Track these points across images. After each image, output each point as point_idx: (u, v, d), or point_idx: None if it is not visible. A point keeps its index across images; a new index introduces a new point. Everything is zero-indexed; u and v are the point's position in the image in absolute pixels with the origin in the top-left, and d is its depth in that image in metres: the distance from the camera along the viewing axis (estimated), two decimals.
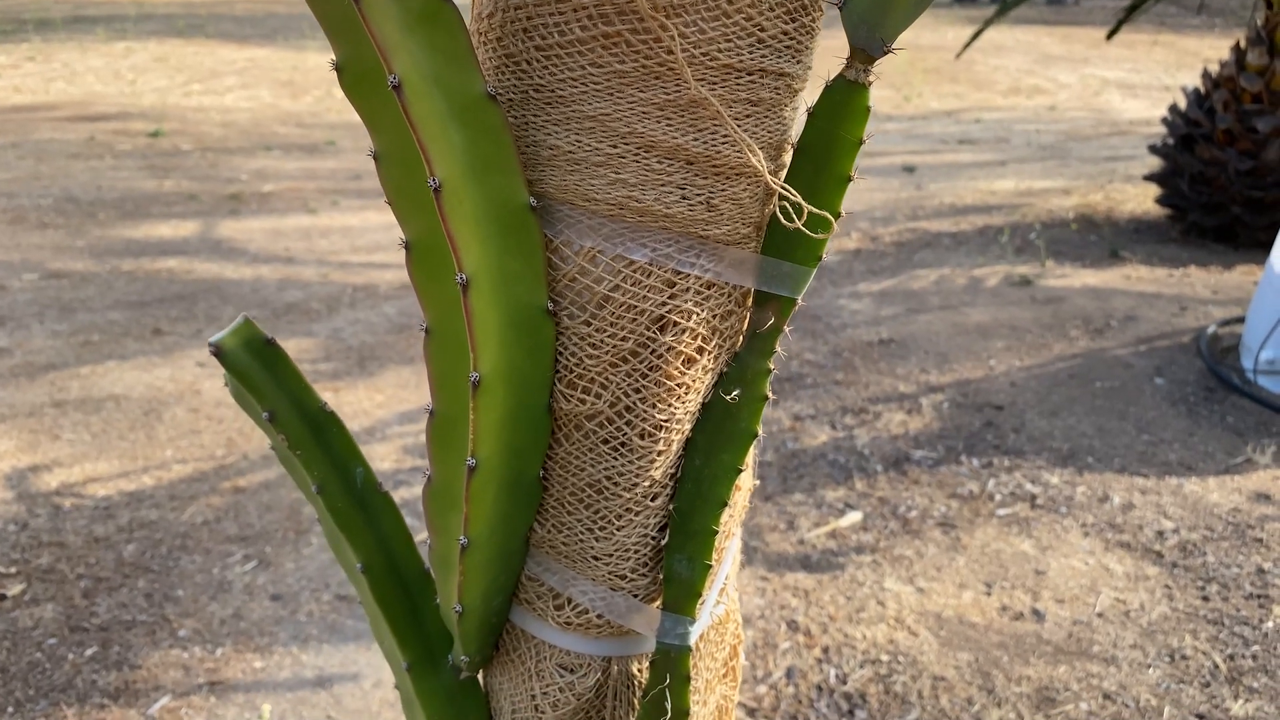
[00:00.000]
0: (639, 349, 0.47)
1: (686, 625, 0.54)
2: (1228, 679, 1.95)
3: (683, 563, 0.52)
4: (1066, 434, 2.82)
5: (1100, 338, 3.41)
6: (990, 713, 1.86)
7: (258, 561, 2.24)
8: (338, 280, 3.98)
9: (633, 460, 0.50)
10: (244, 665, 1.95)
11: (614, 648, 0.59)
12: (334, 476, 0.58)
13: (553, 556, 0.55)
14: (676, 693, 0.54)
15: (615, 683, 0.59)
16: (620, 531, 0.53)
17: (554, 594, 0.57)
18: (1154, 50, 10.39)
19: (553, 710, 0.59)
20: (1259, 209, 4.17)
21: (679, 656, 0.54)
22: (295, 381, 0.56)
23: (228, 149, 6.00)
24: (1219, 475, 2.62)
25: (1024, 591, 2.18)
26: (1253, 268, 4.10)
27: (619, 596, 0.54)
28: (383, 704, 1.86)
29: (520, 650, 0.60)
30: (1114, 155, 6.15)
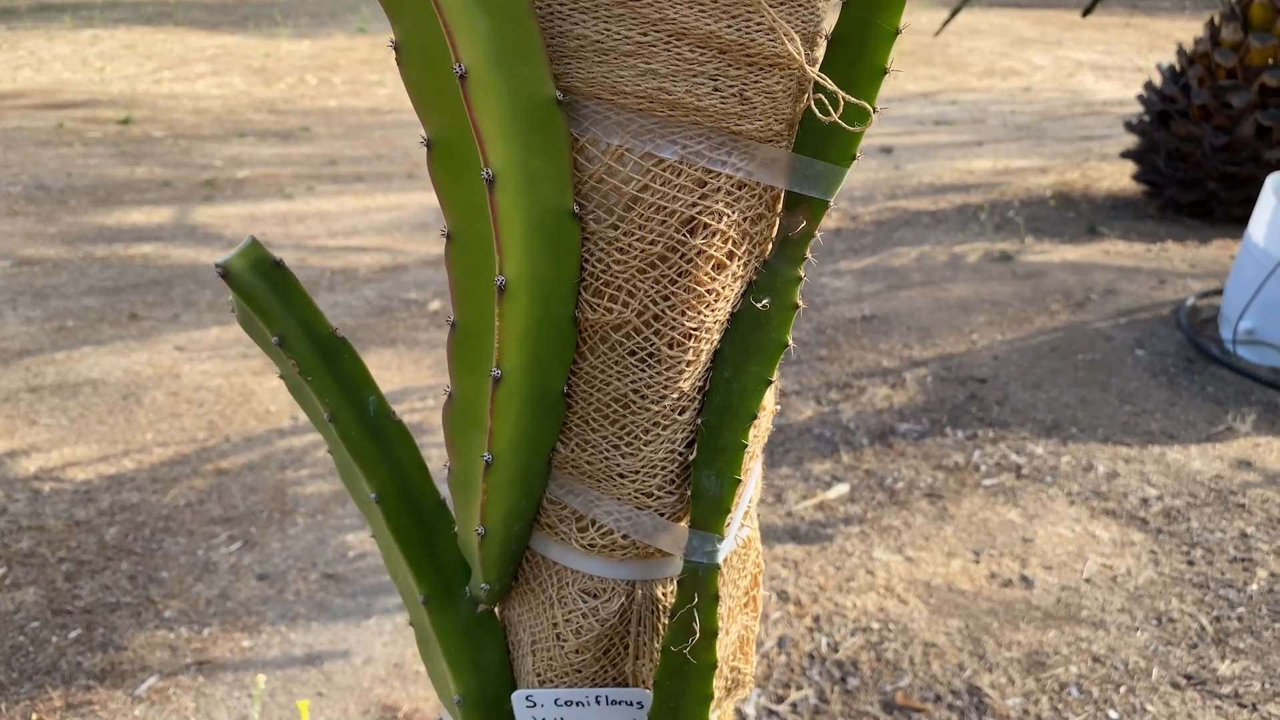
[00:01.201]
0: (668, 253, 0.46)
1: (714, 543, 0.53)
2: (1214, 640, 1.97)
3: (711, 478, 0.51)
4: (1049, 405, 2.83)
5: (1081, 311, 3.43)
6: (982, 677, 1.87)
7: (243, 542, 2.21)
8: (315, 264, 3.94)
9: (661, 372, 0.49)
10: (232, 645, 1.93)
11: (638, 571, 0.58)
12: (346, 404, 0.56)
13: (576, 477, 0.54)
14: (705, 612, 0.53)
15: (640, 607, 0.58)
16: (647, 447, 0.52)
17: (577, 516, 0.56)
18: (1126, 32, 10.45)
19: (575, 637, 0.58)
20: (1234, 184, 4.21)
21: (707, 575, 0.53)
22: (305, 305, 0.54)
23: (200, 136, 5.93)
24: (1200, 443, 2.65)
25: (1012, 559, 2.19)
26: (1228, 242, 4.14)
27: (645, 515, 0.53)
28: (374, 680, 1.84)
29: (541, 578, 0.59)
30: (1089, 135, 6.19)
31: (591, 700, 0.59)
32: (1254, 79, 4.10)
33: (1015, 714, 1.80)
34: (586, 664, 0.60)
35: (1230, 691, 1.85)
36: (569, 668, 0.60)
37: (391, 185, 5.05)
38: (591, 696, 0.59)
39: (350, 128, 6.23)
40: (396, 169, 5.33)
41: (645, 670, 0.60)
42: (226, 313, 3.42)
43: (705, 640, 0.54)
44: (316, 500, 2.37)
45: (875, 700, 1.83)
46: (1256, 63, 4.09)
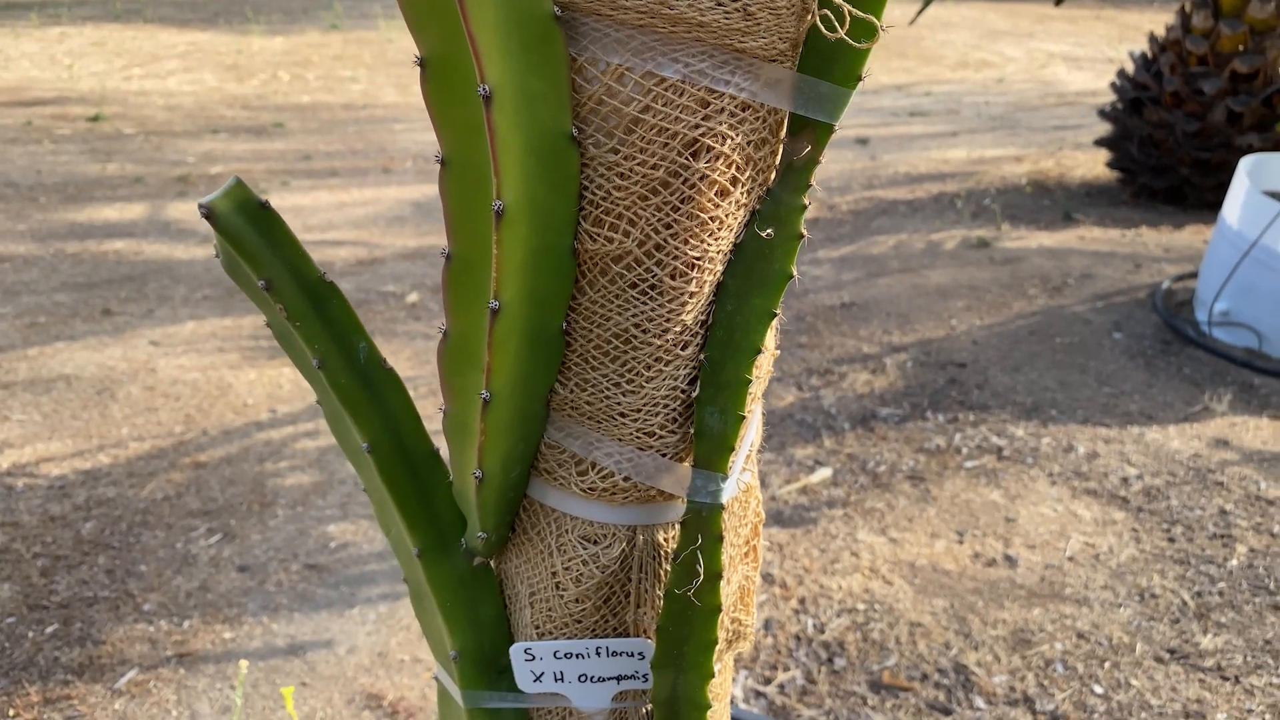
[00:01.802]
0: (670, 178, 0.45)
1: (718, 482, 0.52)
2: (1196, 615, 1.98)
3: (714, 415, 0.50)
4: (1029, 388, 2.85)
5: (1058, 296, 3.45)
6: (968, 656, 1.88)
7: (222, 534, 2.19)
8: None
9: (663, 304, 0.48)
10: (213, 636, 1.90)
11: (640, 515, 0.56)
12: (335, 350, 0.55)
13: (575, 419, 0.53)
14: (709, 553, 0.52)
15: (641, 553, 0.57)
16: (649, 384, 0.51)
17: (576, 460, 0.55)
18: (1096, 25, 10.54)
19: (575, 585, 0.57)
20: (1206, 170, 4.24)
21: (711, 515, 0.52)
22: (292, 248, 0.52)
23: (172, 132, 5.86)
24: (1178, 423, 2.67)
25: (995, 539, 2.20)
26: (1201, 227, 4.18)
27: (647, 456, 0.52)
28: (358, 669, 1.83)
29: (539, 526, 0.58)
30: (1062, 124, 6.23)
31: (591, 652, 0.58)
32: (1225, 65, 4.14)
33: (1002, 691, 1.80)
34: (587, 614, 0.58)
35: (1213, 665, 1.86)
36: (568, 618, 0.59)
37: (367, 180, 5.01)
38: (592, 648, 0.58)
39: (324, 123, 6.18)
40: (371, 164, 5.30)
41: (647, 619, 0.59)
42: (202, 307, 3.38)
43: (709, 583, 0.53)
44: (297, 492, 2.34)
45: (862, 680, 1.83)
46: (1227, 49, 4.13)
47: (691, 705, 0.57)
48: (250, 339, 3.14)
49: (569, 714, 0.63)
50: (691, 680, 0.56)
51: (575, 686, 0.60)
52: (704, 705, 0.58)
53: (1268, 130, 4.10)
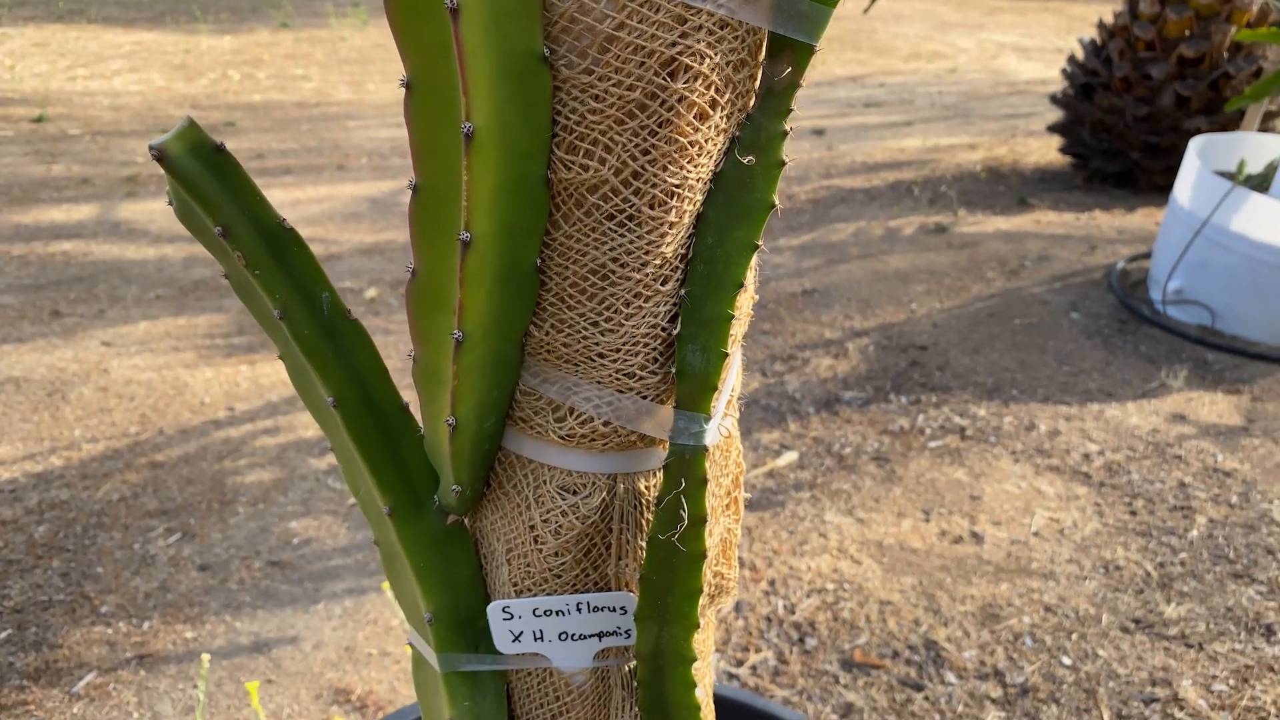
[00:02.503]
0: (647, 100, 0.43)
1: (701, 423, 0.51)
2: (1159, 585, 2.00)
3: (696, 353, 0.49)
4: (990, 369, 2.87)
5: (1016, 278, 3.48)
6: (938, 632, 1.88)
7: (181, 534, 2.14)
8: None
9: (642, 235, 0.46)
10: (174, 637, 1.86)
11: (620, 463, 0.55)
12: (297, 300, 0.53)
13: (552, 363, 0.51)
14: (693, 498, 0.51)
15: (622, 502, 0.55)
16: (628, 321, 0.49)
17: (554, 406, 0.53)
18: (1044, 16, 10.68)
19: (555, 538, 0.55)
20: (1156, 153, 4.31)
21: (694, 458, 0.51)
22: (250, 193, 0.50)
23: (120, 132, 5.75)
24: (1137, 400, 2.70)
25: (961, 516, 2.21)
26: (1153, 210, 4.24)
27: (627, 399, 0.51)
28: (325, 664, 1.79)
29: (516, 479, 0.56)
30: (1014, 113, 6.30)
31: (572, 608, 0.57)
32: (1172, 50, 4.20)
33: (972, 666, 1.81)
34: (567, 568, 0.57)
35: (1177, 633, 1.88)
36: (548, 573, 0.57)
37: (321, 177, 4.95)
38: (572, 604, 0.57)
39: (277, 122, 6.09)
40: (326, 161, 5.23)
41: (629, 571, 0.57)
42: (155, 307, 3.32)
43: (693, 528, 0.51)
44: (257, 489, 2.30)
45: (834, 659, 1.83)
46: (1174, 34, 4.19)
47: (677, 658, 0.56)
48: (206, 337, 3.08)
49: (549, 675, 0.61)
50: (676, 632, 0.55)
51: (555, 645, 0.58)
52: (689, 658, 0.57)
53: (1215, 113, 4.17)
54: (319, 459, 2.42)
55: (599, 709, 0.62)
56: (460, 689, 0.59)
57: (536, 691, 0.61)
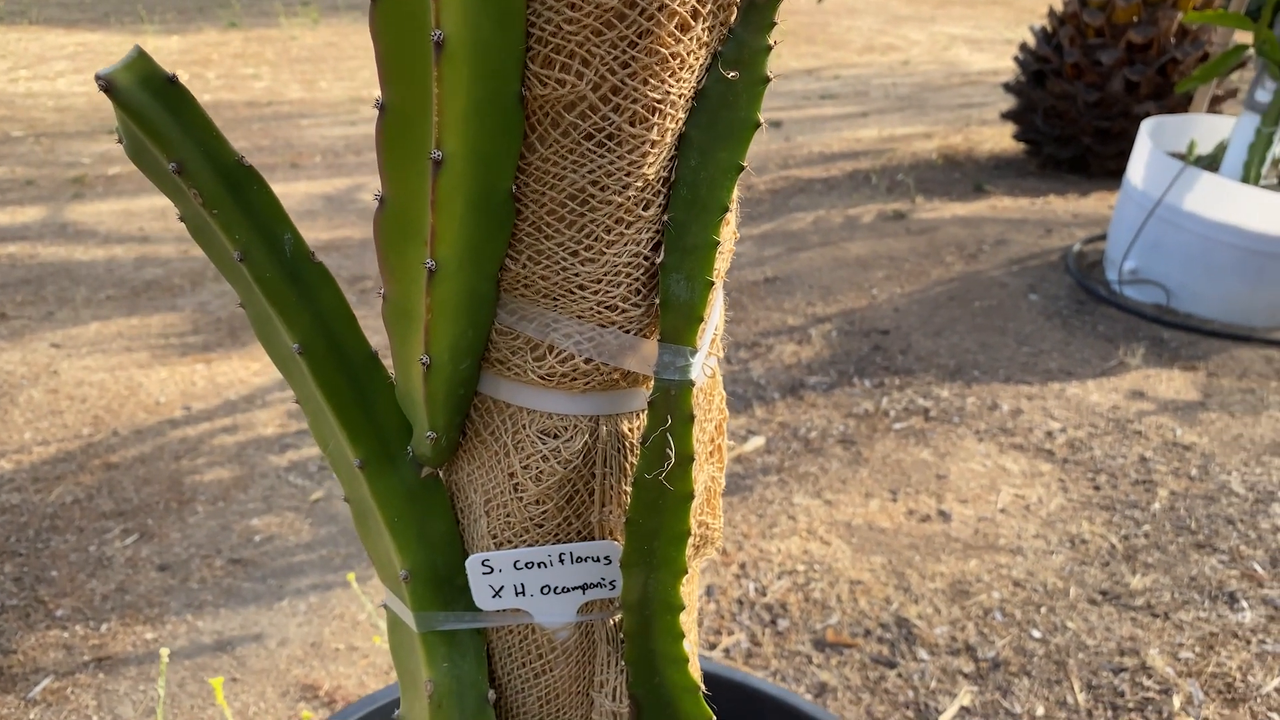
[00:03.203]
0: (626, 9, 0.41)
1: (687, 356, 0.49)
2: (1125, 557, 2.02)
3: (680, 282, 0.47)
4: (951, 351, 2.89)
5: (974, 262, 3.51)
6: (909, 609, 1.89)
7: (139, 535, 2.09)
8: (199, 256, 3.77)
9: (623, 155, 0.44)
10: (133, 638, 1.82)
11: (602, 404, 0.53)
12: (258, 241, 0.50)
13: (529, 298, 0.49)
14: (679, 435, 0.49)
15: (605, 445, 0.53)
16: (610, 250, 0.47)
17: (532, 345, 0.51)
18: (994, 9, 10.81)
19: (535, 484, 0.53)
20: (1107, 138, 4.37)
21: (680, 394, 0.49)
22: (205, 128, 0.47)
23: (65, 134, 5.62)
24: (1096, 378, 2.73)
25: (928, 495, 2.22)
26: (1106, 194, 4.29)
27: (609, 334, 0.49)
28: (290, 661, 1.76)
29: (493, 425, 0.54)
30: (967, 103, 6.36)
31: (554, 559, 0.55)
32: (1121, 36, 4.26)
33: (944, 641, 1.82)
34: (549, 516, 0.55)
35: (1143, 603, 1.90)
36: (529, 523, 0.55)
37: (274, 176, 4.87)
38: (555, 555, 0.55)
39: (227, 121, 5.99)
40: (279, 160, 5.15)
41: (613, 518, 0.55)
42: (105, 308, 3.24)
43: (680, 467, 0.50)
44: (216, 487, 2.25)
45: (806, 639, 1.82)
46: (1122, 20, 4.25)
47: (664, 606, 0.54)
48: (159, 337, 3.02)
49: (531, 632, 0.59)
50: (663, 578, 0.53)
51: (538, 600, 0.56)
52: (677, 606, 0.55)
53: (1164, 98, 4.24)
54: (279, 456, 2.38)
55: (583, 665, 0.60)
56: (439, 649, 0.57)
57: (518, 650, 0.59)
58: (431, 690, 0.57)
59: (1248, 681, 1.73)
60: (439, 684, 0.57)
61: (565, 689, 0.60)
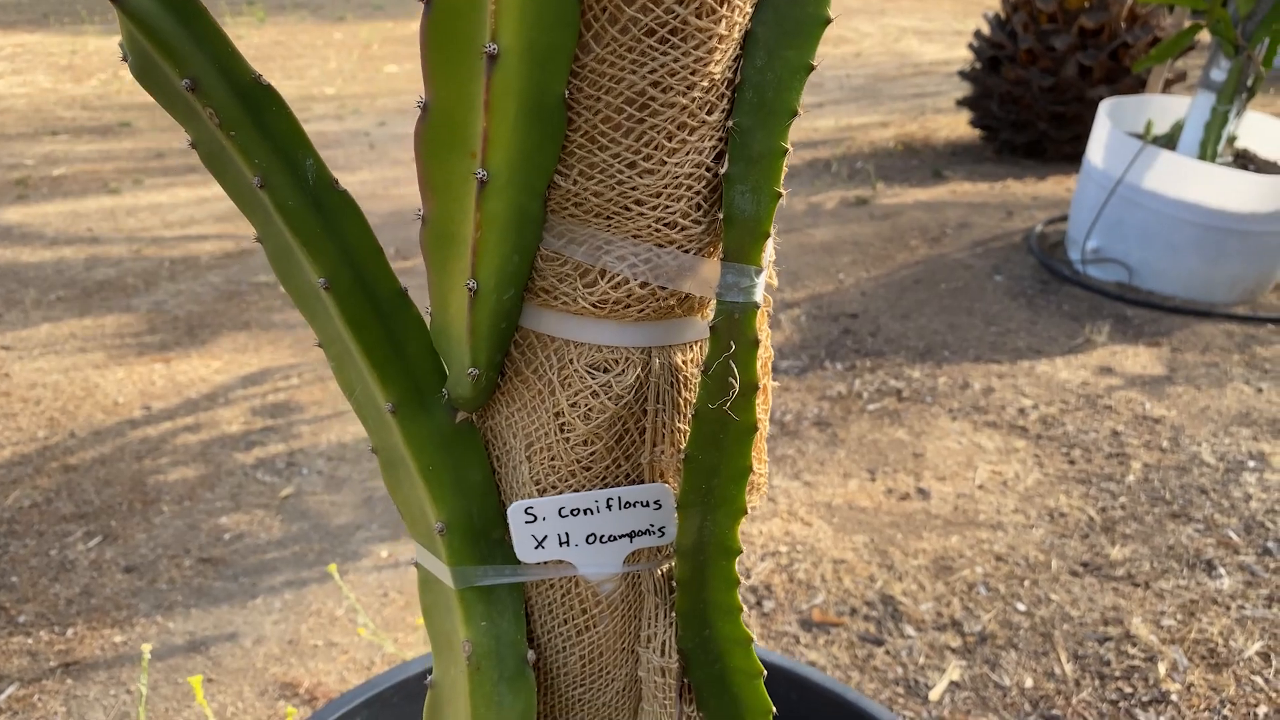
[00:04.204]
0: None
1: (751, 276, 0.46)
2: (1103, 529, 2.04)
3: (745, 195, 0.44)
4: (920, 333, 2.90)
5: (938, 245, 3.53)
6: (893, 586, 1.88)
7: (102, 537, 2.03)
8: (152, 255, 3.67)
9: (688, 52, 0.41)
10: (101, 642, 1.75)
11: (656, 335, 0.50)
12: (279, 167, 0.46)
13: (580, 218, 0.46)
14: (743, 362, 0.46)
15: (658, 380, 0.50)
16: (671, 159, 0.44)
17: (582, 271, 0.47)
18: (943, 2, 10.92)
19: (584, 423, 0.50)
20: (1062, 123, 4.41)
21: (744, 317, 0.46)
22: (220, 42, 0.44)
23: (5, 135, 5.47)
24: (1064, 355, 2.75)
25: (906, 474, 2.22)
26: (1063, 178, 4.34)
27: (667, 254, 0.46)
28: (268, 659, 1.71)
29: (536, 362, 0.51)
30: (921, 92, 6.41)
31: (602, 505, 0.52)
32: (1073, 22, 4.31)
33: (930, 618, 1.81)
34: (597, 458, 0.52)
35: (1124, 573, 1.91)
36: (576, 465, 0.52)
37: None
38: (602, 500, 0.52)
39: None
40: None
41: (665, 459, 0.53)
42: (56, 309, 3.15)
43: (744, 396, 0.47)
44: (181, 486, 2.19)
45: (793, 619, 1.81)
46: (1074, 6, 4.30)
47: (720, 550, 0.52)
48: (115, 337, 2.93)
49: (574, 585, 0.56)
50: (721, 520, 0.51)
51: (582, 550, 0.53)
52: (733, 550, 0.53)
53: (1116, 82, 4.29)
54: (245, 453, 2.32)
55: (629, 620, 0.58)
56: (476, 607, 0.54)
57: (560, 605, 0.56)
58: (470, 651, 0.54)
59: (1230, 646, 1.75)
60: (477, 644, 0.54)
61: (609, 646, 0.57)
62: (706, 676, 0.56)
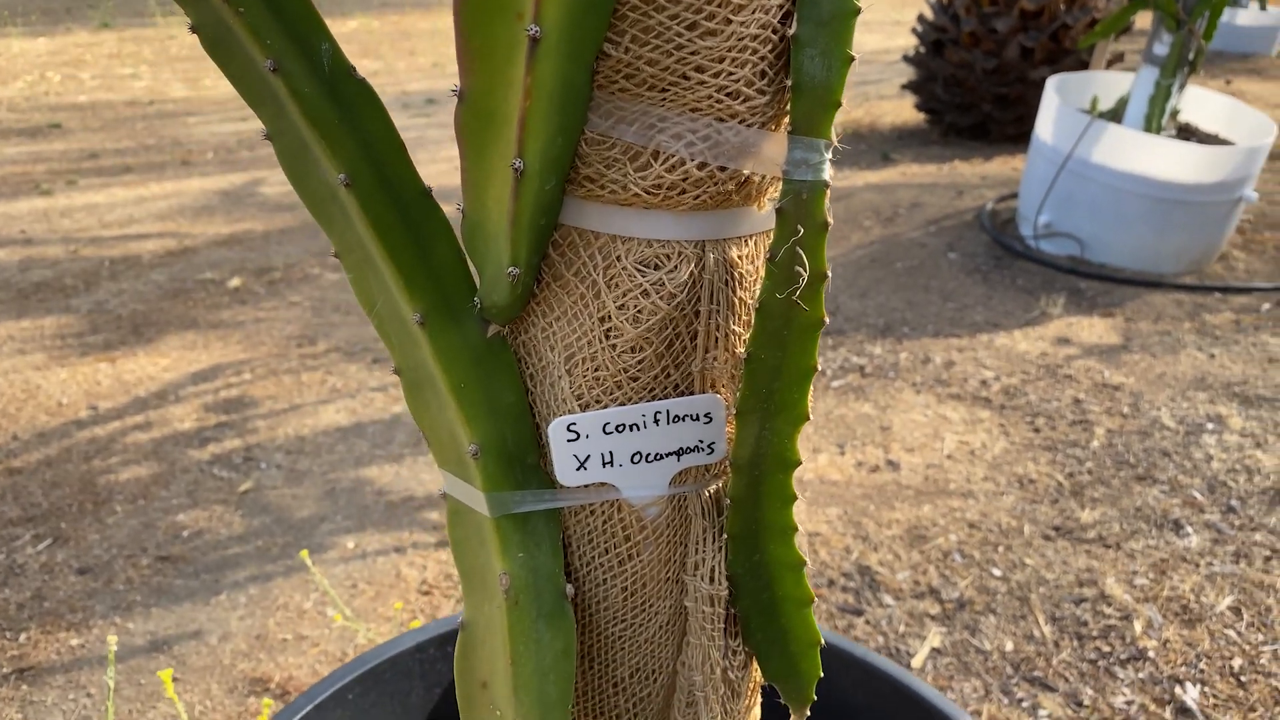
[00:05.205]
0: None
1: (821, 151, 0.43)
2: (1072, 493, 2.05)
3: (815, 59, 0.41)
4: (879, 310, 2.90)
5: (892, 225, 3.54)
6: (869, 557, 1.88)
7: (52, 539, 1.94)
8: (91, 255, 3.55)
9: None
10: (57, 646, 1.68)
11: (710, 226, 0.46)
12: (293, 51, 0.42)
13: (631, 93, 0.42)
14: (812, 248, 0.43)
15: (712, 277, 0.47)
16: (736, 17, 0.40)
17: (632, 154, 0.43)
18: None
19: (633, 326, 0.46)
20: (1006, 104, 4.47)
21: (813, 196, 0.43)
22: None
23: None
24: (1022, 328, 2.78)
25: (875, 446, 2.22)
26: (1008, 158, 4.39)
27: (728, 129, 0.42)
28: (235, 655, 1.65)
29: (578, 263, 0.47)
30: (863, 80, 6.46)
31: (649, 419, 0.49)
32: (1014, 4, 4.36)
33: (907, 586, 1.81)
34: (645, 366, 0.49)
35: (1095, 535, 1.93)
36: (622, 376, 0.48)
37: (165, 173, 4.65)
38: (650, 414, 0.49)
39: (108, 121, 5.70)
40: (168, 158, 4.92)
41: (717, 366, 0.49)
42: None
43: (813, 286, 0.44)
44: (134, 485, 2.11)
45: None
46: None
47: (778, 463, 0.49)
48: (56, 338, 2.83)
49: (616, 511, 0.52)
50: (781, 427, 0.48)
51: (627, 471, 0.50)
52: (792, 461, 0.50)
53: (1057, 62, 4.35)
54: (200, 450, 2.25)
55: (674, 547, 0.54)
56: (513, 537, 0.50)
57: (600, 534, 0.53)
58: (508, 585, 0.50)
59: (1201, 602, 1.77)
60: (515, 577, 0.50)
61: (653, 576, 0.54)
62: (754, 605, 0.53)
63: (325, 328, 2.88)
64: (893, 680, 0.91)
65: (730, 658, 0.54)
